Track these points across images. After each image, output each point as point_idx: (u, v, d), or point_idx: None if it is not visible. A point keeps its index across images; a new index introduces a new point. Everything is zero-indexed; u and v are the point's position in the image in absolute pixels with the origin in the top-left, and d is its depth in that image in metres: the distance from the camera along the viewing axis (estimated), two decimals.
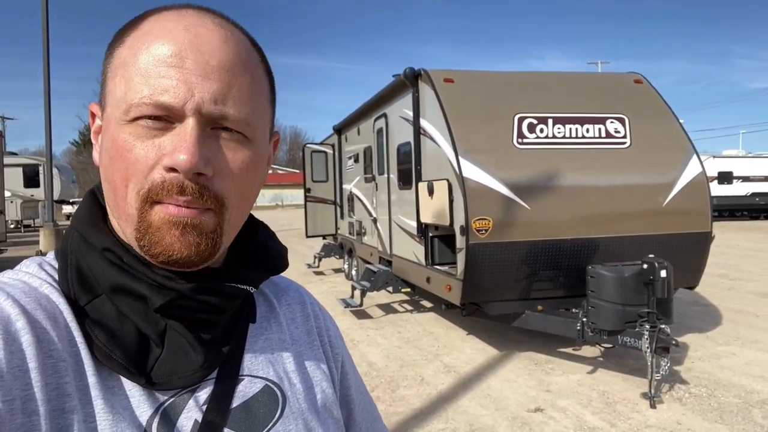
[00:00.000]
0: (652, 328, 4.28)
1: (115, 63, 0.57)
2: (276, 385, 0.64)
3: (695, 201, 5.45)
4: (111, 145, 0.55)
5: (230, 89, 0.55)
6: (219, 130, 0.56)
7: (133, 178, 0.54)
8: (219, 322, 0.61)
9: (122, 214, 0.56)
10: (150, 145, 0.54)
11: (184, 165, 0.52)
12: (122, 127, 0.54)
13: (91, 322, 0.55)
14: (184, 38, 0.54)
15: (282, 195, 53.22)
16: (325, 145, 11.40)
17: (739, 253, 12.78)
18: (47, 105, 12.85)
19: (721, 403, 4.30)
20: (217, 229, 0.57)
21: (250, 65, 0.58)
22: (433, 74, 5.69)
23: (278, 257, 0.68)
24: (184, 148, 0.53)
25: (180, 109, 0.53)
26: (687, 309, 7.24)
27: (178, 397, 0.57)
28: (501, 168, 5.13)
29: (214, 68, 0.55)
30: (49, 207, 13.44)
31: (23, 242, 17.43)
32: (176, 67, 0.53)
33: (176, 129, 0.54)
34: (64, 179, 24.22)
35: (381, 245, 7.83)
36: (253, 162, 0.58)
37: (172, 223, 0.54)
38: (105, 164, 0.57)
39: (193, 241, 0.55)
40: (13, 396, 0.48)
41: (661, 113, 5.86)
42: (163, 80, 0.53)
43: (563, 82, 6.16)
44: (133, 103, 0.53)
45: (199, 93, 0.53)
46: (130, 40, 0.56)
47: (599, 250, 5.15)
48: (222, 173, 0.56)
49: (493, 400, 4.45)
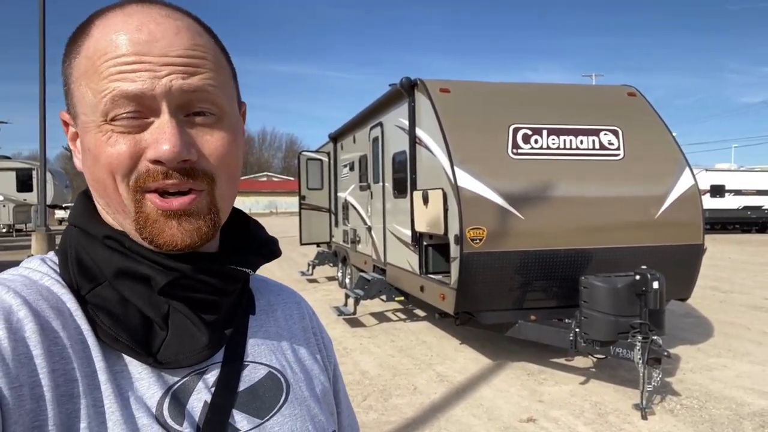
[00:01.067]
0: (644, 339, 4.30)
1: (76, 73, 0.58)
2: (279, 372, 0.66)
3: (688, 213, 5.49)
4: (93, 146, 0.57)
5: (195, 72, 0.57)
6: (192, 117, 0.57)
7: (119, 171, 0.56)
8: (221, 304, 0.62)
9: (118, 208, 0.58)
10: (131, 140, 0.55)
11: (167, 155, 0.54)
12: (101, 127, 0.56)
13: (94, 308, 0.57)
14: (139, 38, 0.55)
15: (276, 202, 53.19)
16: (321, 152, 11.42)
17: (731, 266, 12.85)
18: (42, 109, 12.82)
19: (713, 414, 4.32)
20: (212, 208, 0.59)
21: (206, 47, 0.60)
22: (430, 84, 5.73)
23: (271, 244, 0.70)
24: (165, 138, 0.54)
25: (151, 94, 0.55)
26: (679, 321, 7.27)
27: (187, 378, 0.59)
28: (496, 178, 5.15)
29: (175, 56, 0.56)
30: (42, 211, 13.36)
31: (15, 247, 17.30)
32: (138, 63, 0.55)
33: (154, 123, 0.56)
34: (58, 184, 24.07)
35: (375, 253, 7.83)
36: (231, 138, 0.60)
37: (169, 215, 0.56)
38: (90, 165, 0.58)
39: (193, 228, 0.57)
40: (20, 383, 0.49)
41: (655, 126, 5.92)
42: (127, 74, 0.54)
43: (558, 94, 6.21)
44: (106, 104, 0.55)
45: (167, 78, 0.55)
46: (86, 50, 0.57)
47: (592, 260, 5.18)
48: (206, 154, 0.58)
49: (485, 409, 4.45)
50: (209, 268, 0.60)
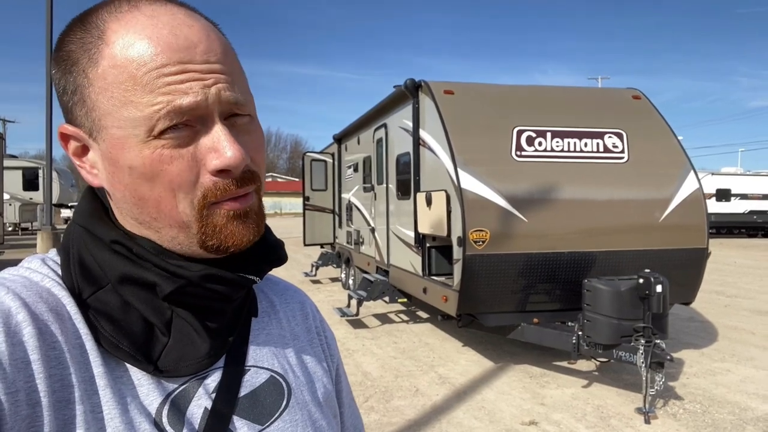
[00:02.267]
0: (648, 342, 4.28)
1: (99, 83, 0.54)
2: (281, 377, 0.65)
3: (692, 217, 5.47)
4: (141, 163, 0.54)
5: (232, 74, 0.57)
6: (232, 119, 0.57)
7: (182, 189, 0.55)
8: (225, 312, 0.62)
9: (173, 223, 0.56)
10: (187, 153, 0.54)
11: (233, 162, 0.54)
12: (148, 143, 0.53)
13: (95, 313, 0.56)
14: (177, 44, 0.54)
15: (281, 203, 53.27)
16: (325, 154, 11.43)
17: (736, 271, 12.79)
18: (48, 109, 12.89)
19: (716, 419, 4.29)
20: (260, 204, 0.62)
21: (227, 44, 0.59)
22: (434, 86, 5.73)
23: (278, 248, 0.69)
24: (226, 147, 0.54)
25: (203, 106, 0.54)
26: (683, 325, 7.24)
27: (187, 385, 0.58)
28: (499, 180, 5.15)
29: (215, 63, 0.55)
30: (48, 210, 13.42)
31: (21, 245, 17.38)
32: (182, 72, 0.53)
33: (205, 133, 0.55)
34: (63, 183, 24.17)
35: (378, 255, 7.83)
36: (262, 137, 0.62)
37: (234, 217, 0.57)
38: (132, 183, 0.55)
39: (252, 225, 0.59)
40: (16, 388, 0.48)
41: (659, 129, 5.90)
42: (175, 86, 0.53)
43: (562, 97, 6.21)
44: (155, 118, 0.53)
45: (214, 87, 0.55)
46: (110, 58, 0.54)
47: (596, 263, 5.16)
48: (252, 155, 0.59)
49: (487, 412, 4.44)
50: (217, 275, 0.59)
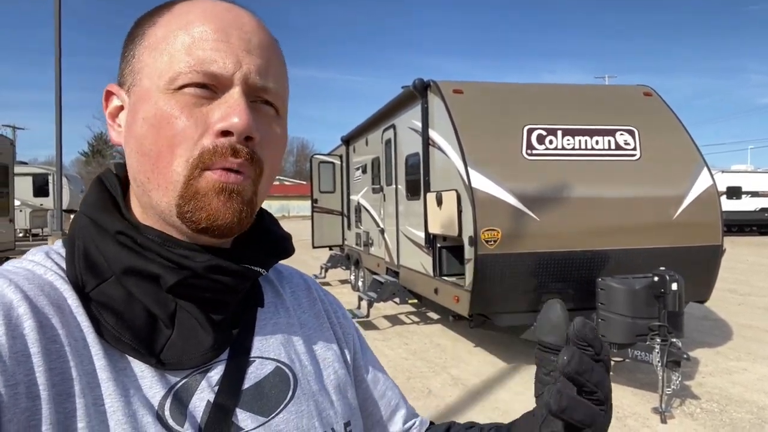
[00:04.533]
0: (663, 341, 4.23)
1: (150, 40, 0.58)
2: (287, 367, 0.65)
3: (706, 214, 5.41)
4: (153, 114, 0.55)
5: (269, 66, 0.59)
6: (258, 103, 0.58)
7: (183, 144, 0.55)
8: (229, 303, 0.61)
9: (163, 182, 0.56)
10: (198, 113, 0.55)
11: (239, 127, 0.54)
12: (167, 95, 0.55)
13: (98, 305, 0.55)
14: (227, 17, 0.57)
15: (288, 206, 53.35)
16: (333, 155, 11.43)
17: (748, 269, 12.66)
18: (58, 115, 12.98)
19: (734, 418, 4.24)
20: (254, 198, 0.59)
21: (279, 50, 0.62)
22: (443, 85, 5.71)
23: (285, 240, 0.69)
24: (237, 112, 0.55)
25: (229, 78, 0.56)
26: (697, 323, 7.16)
27: (190, 378, 0.57)
28: (510, 179, 5.12)
29: (256, 46, 0.58)
30: (58, 216, 13.51)
31: None
32: (223, 42, 0.56)
33: (223, 97, 0.56)
34: (73, 189, 24.32)
35: (388, 256, 7.81)
36: (284, 136, 0.62)
37: (221, 189, 0.56)
38: (141, 134, 0.56)
39: (237, 207, 0.57)
40: (16, 381, 0.48)
41: (671, 126, 5.85)
42: (211, 52, 0.55)
43: (573, 94, 6.17)
44: (180, 71, 0.55)
45: (246, 65, 0.56)
46: (166, 20, 0.58)
47: (609, 262, 5.11)
48: (263, 142, 0.58)
49: (501, 412, 4.40)
50: (222, 266, 0.58)
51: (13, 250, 13.43)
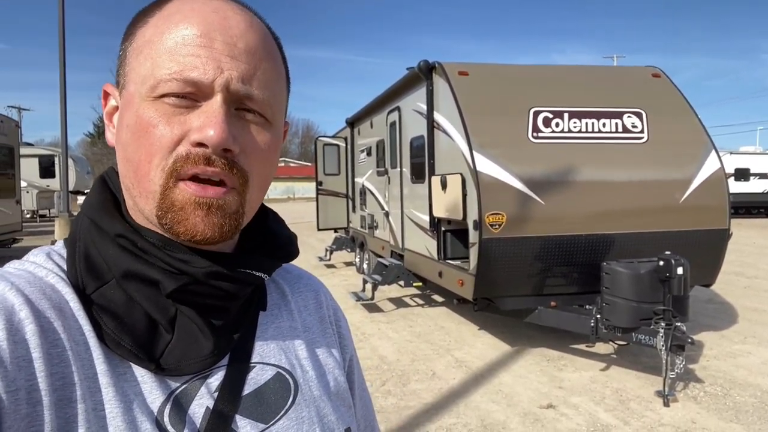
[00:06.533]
0: (668, 325, 4.22)
1: (138, 42, 0.57)
2: (288, 372, 0.64)
3: (713, 197, 5.36)
4: (134, 122, 0.55)
5: (255, 71, 0.56)
6: (243, 111, 0.56)
7: (158, 154, 0.54)
8: (230, 309, 0.60)
9: (143, 192, 0.55)
10: (176, 122, 0.54)
11: (213, 140, 0.53)
12: (147, 103, 0.54)
13: (99, 309, 0.55)
14: (213, 19, 0.55)
15: (294, 188, 53.35)
16: (338, 138, 11.38)
17: (755, 251, 12.60)
18: (63, 96, 12.95)
19: (737, 402, 4.24)
20: (240, 210, 0.57)
21: (272, 52, 0.60)
22: (448, 67, 5.65)
23: (289, 244, 0.68)
24: (213, 123, 0.53)
25: (209, 85, 0.54)
26: (702, 307, 7.15)
27: (189, 383, 0.57)
28: (515, 162, 5.08)
29: (242, 50, 0.56)
30: (65, 197, 13.55)
31: (39, 232, 17.62)
32: (205, 47, 0.54)
33: (203, 107, 0.54)
34: (79, 170, 24.40)
35: (393, 239, 7.81)
36: (273, 144, 0.59)
37: (198, 204, 0.54)
38: (125, 141, 0.56)
39: (218, 222, 0.55)
40: (17, 386, 0.47)
41: (680, 108, 5.77)
42: (192, 58, 0.54)
43: (580, 76, 6.09)
44: (161, 79, 0.53)
45: (228, 71, 0.54)
46: (155, 21, 0.56)
47: (614, 246, 5.09)
48: (247, 152, 0.56)
49: (504, 395, 4.43)
50: (222, 273, 0.57)
51: (21, 231, 13.52)
